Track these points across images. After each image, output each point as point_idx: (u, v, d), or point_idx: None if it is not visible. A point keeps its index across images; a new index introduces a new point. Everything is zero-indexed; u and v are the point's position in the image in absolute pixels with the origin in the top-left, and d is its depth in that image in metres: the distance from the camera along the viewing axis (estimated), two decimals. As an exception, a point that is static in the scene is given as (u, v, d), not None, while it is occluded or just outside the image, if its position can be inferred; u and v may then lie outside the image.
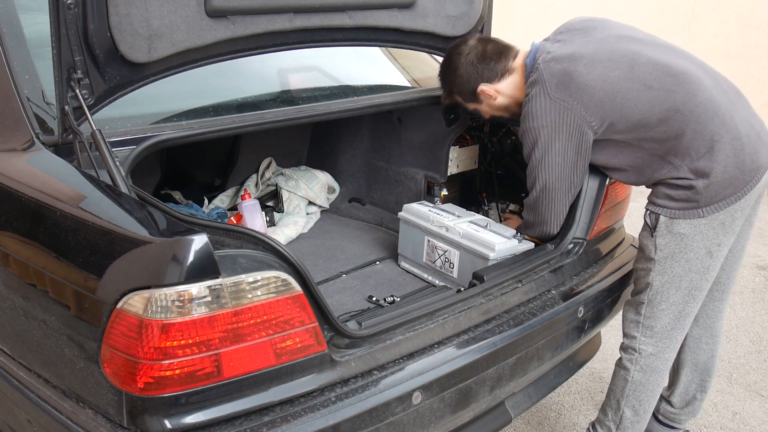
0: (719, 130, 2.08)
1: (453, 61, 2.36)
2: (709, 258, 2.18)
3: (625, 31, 2.26)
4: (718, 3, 6.32)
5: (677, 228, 2.15)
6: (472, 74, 2.33)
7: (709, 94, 2.11)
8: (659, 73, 2.11)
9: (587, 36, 2.22)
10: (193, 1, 1.83)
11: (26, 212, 1.69)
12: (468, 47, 2.34)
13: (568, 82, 2.13)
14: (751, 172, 2.12)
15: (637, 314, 2.30)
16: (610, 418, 2.43)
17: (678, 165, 2.12)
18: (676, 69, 2.12)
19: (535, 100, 2.17)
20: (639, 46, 2.18)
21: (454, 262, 2.48)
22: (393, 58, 3.07)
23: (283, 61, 2.71)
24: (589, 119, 2.13)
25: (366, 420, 1.65)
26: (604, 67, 2.12)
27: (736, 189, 2.11)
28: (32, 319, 1.65)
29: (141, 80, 1.85)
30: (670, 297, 2.23)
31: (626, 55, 2.14)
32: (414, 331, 1.85)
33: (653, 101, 2.09)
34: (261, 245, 1.58)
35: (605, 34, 2.22)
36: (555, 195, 2.26)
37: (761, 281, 4.24)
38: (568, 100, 2.12)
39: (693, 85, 2.10)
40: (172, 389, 1.43)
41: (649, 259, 2.22)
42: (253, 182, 3.19)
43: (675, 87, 2.09)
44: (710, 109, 2.09)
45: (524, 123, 2.22)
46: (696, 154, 2.09)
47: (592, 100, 2.11)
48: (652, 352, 2.30)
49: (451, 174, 2.87)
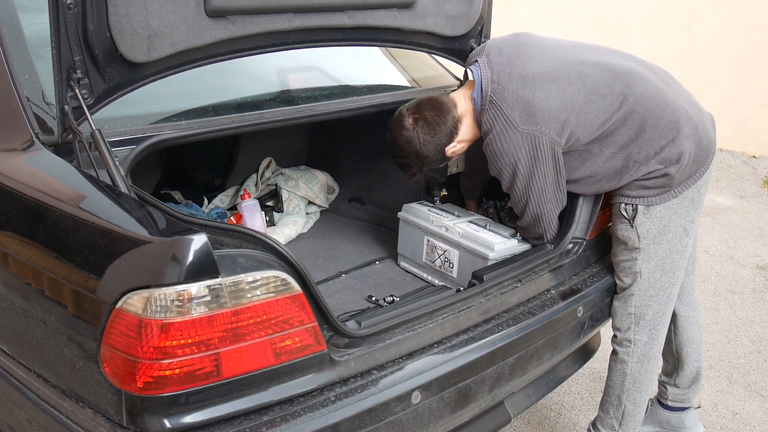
0: (674, 117, 2.16)
1: (409, 150, 2.30)
2: (685, 236, 2.28)
3: (553, 40, 2.29)
4: (718, 3, 6.32)
5: (655, 213, 2.22)
6: (434, 149, 2.28)
7: (654, 86, 2.18)
8: (607, 78, 2.16)
9: (521, 52, 2.20)
10: (193, 1, 1.83)
11: (26, 212, 1.69)
12: (411, 129, 2.27)
13: (530, 111, 2.12)
14: (707, 147, 2.24)
15: (628, 306, 2.34)
16: (611, 415, 2.44)
17: (645, 162, 2.17)
18: (619, 69, 2.18)
19: (502, 137, 2.15)
20: (576, 53, 2.22)
21: (454, 261, 2.48)
22: (393, 58, 3.07)
23: (282, 61, 2.71)
24: (559, 140, 2.15)
25: (365, 419, 1.66)
26: (558, 85, 2.13)
27: (699, 165, 2.23)
28: (32, 319, 1.65)
29: (140, 80, 1.85)
30: (656, 282, 2.29)
31: (572, 68, 2.17)
32: (413, 331, 1.85)
33: (609, 108, 2.14)
34: (260, 245, 1.58)
35: (538, 45, 2.23)
36: (546, 217, 2.29)
37: (761, 281, 4.24)
38: (537, 128, 2.13)
39: (639, 82, 2.17)
40: (171, 389, 1.43)
41: (633, 249, 2.27)
42: (253, 182, 3.19)
43: (624, 89, 2.15)
44: (660, 99, 2.16)
45: (497, 161, 2.20)
46: (659, 145, 2.16)
47: (557, 122, 2.13)
48: (647, 340, 2.35)
49: (451, 174, 2.87)
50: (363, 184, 3.24)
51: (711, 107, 2.50)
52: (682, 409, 2.70)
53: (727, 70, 6.29)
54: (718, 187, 5.81)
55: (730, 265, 4.43)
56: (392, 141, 2.35)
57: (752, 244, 4.77)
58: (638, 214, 2.23)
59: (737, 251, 4.64)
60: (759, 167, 6.17)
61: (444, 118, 2.27)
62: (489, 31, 2.69)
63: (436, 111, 2.27)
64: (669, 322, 2.41)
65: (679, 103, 2.20)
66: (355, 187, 3.28)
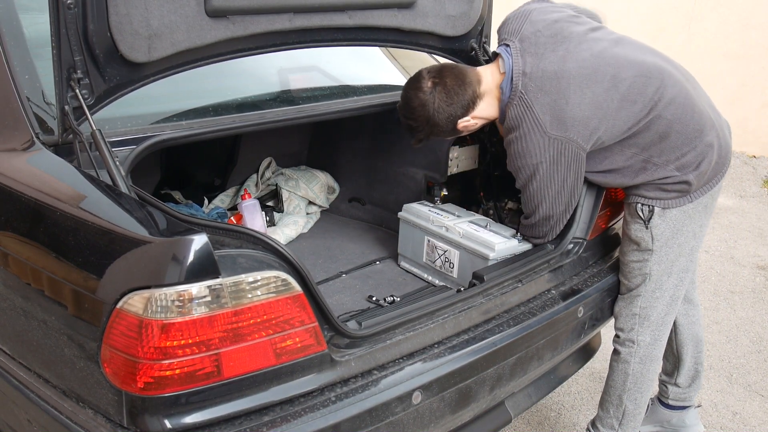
0: (700, 125, 2.14)
1: (421, 113, 2.22)
2: (694, 240, 2.27)
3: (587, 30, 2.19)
4: (718, 3, 6.32)
5: (670, 216, 2.21)
6: (446, 118, 2.21)
7: (684, 91, 2.14)
8: (640, 84, 2.09)
9: (557, 45, 2.12)
10: (193, 1, 1.83)
11: (26, 212, 1.69)
12: (428, 93, 2.19)
13: (562, 117, 2.06)
14: (725, 154, 2.23)
15: (633, 307, 2.34)
16: (612, 414, 2.44)
17: (663, 166, 2.15)
18: (653, 71, 2.12)
19: (528, 138, 2.09)
20: (613, 49, 2.14)
21: (454, 261, 2.48)
22: (393, 58, 3.07)
23: (283, 61, 2.71)
24: (585, 146, 2.11)
25: (366, 420, 1.66)
26: (592, 91, 2.07)
27: (716, 172, 2.22)
28: (32, 319, 1.65)
29: (141, 80, 1.85)
30: (664, 284, 2.28)
31: (608, 70, 2.09)
32: (414, 331, 1.85)
33: (639, 114, 2.10)
34: (261, 245, 1.58)
35: (574, 38, 2.14)
36: (556, 219, 2.25)
37: (761, 281, 4.24)
38: (566, 135, 2.07)
39: (670, 87, 2.11)
40: (172, 389, 1.43)
41: (646, 250, 2.25)
42: (253, 182, 3.19)
43: (655, 95, 2.09)
44: (688, 105, 2.13)
45: (518, 160, 2.15)
46: (681, 152, 2.13)
47: (587, 129, 2.08)
48: (650, 341, 2.35)
49: (451, 174, 2.87)
50: (363, 184, 3.24)
51: (711, 107, 2.50)
52: (683, 408, 2.70)
53: (727, 70, 6.29)
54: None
55: (730, 265, 4.43)
56: (406, 101, 2.26)
57: (752, 244, 4.77)
58: (654, 215, 2.20)
59: (737, 251, 4.64)
60: (759, 167, 6.18)
61: (464, 89, 2.18)
62: (489, 31, 2.69)
63: (457, 80, 2.19)
64: (672, 323, 2.41)
65: (704, 110, 2.16)
66: (356, 187, 3.27)
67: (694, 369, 2.64)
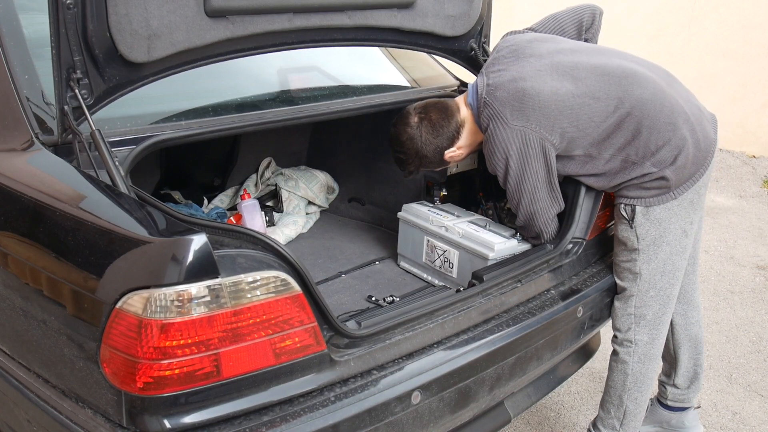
0: (671, 119, 2.16)
1: (410, 146, 2.36)
2: (684, 237, 2.28)
3: (551, 45, 2.31)
4: (718, 3, 6.32)
5: (654, 214, 2.23)
6: (434, 150, 2.35)
7: (652, 86, 2.18)
8: (602, 82, 2.17)
9: (518, 60, 2.25)
10: (193, 1, 1.83)
11: (26, 212, 1.69)
12: (415, 127, 2.34)
13: (521, 106, 2.16)
14: (706, 148, 2.23)
15: (628, 306, 2.35)
16: (613, 414, 2.44)
17: (641, 163, 2.18)
18: (615, 72, 2.19)
19: (494, 133, 2.20)
20: (572, 57, 2.24)
21: (454, 261, 2.48)
22: (393, 58, 3.07)
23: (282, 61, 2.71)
24: (550, 138, 2.17)
25: (365, 420, 1.66)
26: (550, 84, 2.16)
27: (697, 167, 2.22)
28: (32, 319, 1.65)
29: (140, 80, 1.85)
30: (656, 283, 2.29)
31: (566, 71, 2.19)
32: (413, 331, 1.85)
33: (604, 110, 2.16)
34: (260, 245, 1.58)
35: (535, 53, 2.26)
36: (540, 215, 2.30)
37: (761, 281, 4.24)
38: (527, 125, 2.15)
39: (636, 85, 2.17)
40: (171, 389, 1.43)
41: (633, 250, 2.28)
42: (253, 182, 3.20)
43: (620, 92, 2.15)
44: (657, 101, 2.16)
45: (491, 157, 2.24)
46: (655, 147, 2.16)
47: (548, 119, 2.15)
48: (648, 340, 2.35)
49: (451, 174, 2.87)
50: (363, 184, 3.24)
51: (711, 107, 2.50)
52: (682, 409, 2.70)
53: (727, 70, 6.29)
54: (718, 187, 5.81)
55: (730, 265, 4.43)
56: (395, 136, 2.41)
57: (752, 244, 4.77)
58: (637, 215, 2.23)
59: (737, 251, 4.64)
60: (759, 167, 6.17)
61: (448, 121, 2.33)
62: (489, 31, 2.69)
63: (441, 114, 2.34)
64: (669, 322, 2.41)
65: (677, 104, 2.19)
66: (355, 187, 3.28)
67: (692, 370, 2.64)
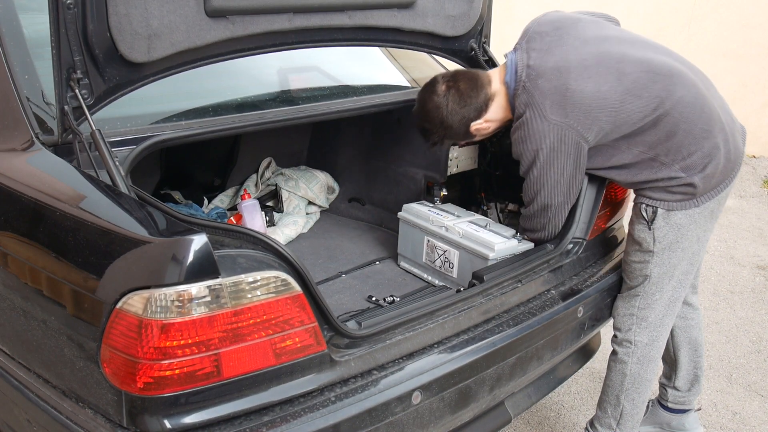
0: (708, 126, 2.12)
1: (435, 115, 2.28)
2: (698, 244, 2.26)
3: (597, 29, 2.23)
4: (718, 3, 6.32)
5: (674, 219, 2.19)
6: (460, 120, 2.27)
7: (694, 90, 2.13)
8: (646, 79, 2.11)
9: (563, 41, 2.17)
10: (193, 1, 1.83)
11: (26, 212, 1.69)
12: (442, 96, 2.26)
13: (562, 102, 2.09)
14: (735, 159, 2.21)
15: (631, 306, 2.33)
16: (609, 414, 2.44)
17: (669, 165, 2.14)
18: (660, 69, 2.13)
19: (530, 123, 2.13)
20: (619, 47, 2.17)
21: (454, 262, 2.48)
22: (393, 58, 3.07)
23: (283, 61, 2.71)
24: (586, 135, 2.13)
25: (365, 420, 1.66)
26: (594, 81, 2.10)
27: (724, 177, 2.20)
28: (32, 319, 1.65)
29: (140, 80, 1.85)
30: (664, 287, 2.27)
31: (611, 63, 2.12)
32: (414, 331, 1.85)
33: (644, 109, 2.10)
34: (260, 245, 1.58)
35: (581, 36, 2.19)
36: (554, 211, 2.26)
37: (761, 281, 4.24)
38: (566, 121, 2.10)
39: (679, 85, 2.11)
40: (171, 389, 1.43)
41: (647, 251, 2.24)
42: (253, 182, 3.19)
43: (662, 92, 2.10)
44: (698, 105, 2.12)
45: (520, 145, 2.19)
46: (687, 152, 2.12)
47: (588, 117, 2.09)
48: (647, 342, 2.34)
49: (451, 174, 2.87)
50: (363, 184, 3.24)
51: (711, 107, 2.49)
52: (683, 411, 2.70)
53: (727, 70, 6.28)
54: (718, 187, 5.80)
55: (730, 265, 4.43)
56: (421, 104, 2.33)
57: (752, 244, 4.77)
58: (658, 217, 2.19)
59: (737, 251, 4.64)
60: (759, 167, 6.18)
61: (477, 92, 2.25)
62: (489, 31, 2.69)
63: (470, 84, 2.25)
64: (671, 325, 2.40)
65: (714, 111, 2.15)
66: (355, 187, 3.27)
67: (693, 373, 2.63)
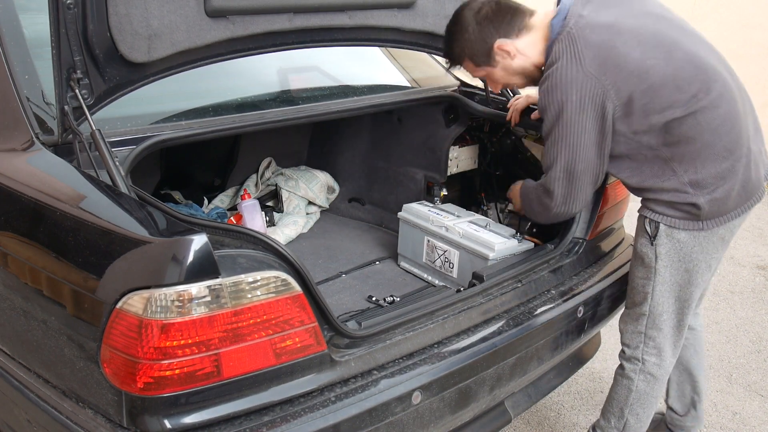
0: (731, 146, 2.00)
1: (464, 19, 2.12)
2: (708, 271, 2.16)
3: (661, 9, 2.10)
4: (718, 3, 6.32)
5: (678, 237, 2.08)
6: (487, 30, 2.09)
7: (732, 106, 2.00)
8: (691, 74, 1.96)
9: (623, 4, 2.03)
10: (193, 1, 1.83)
11: (26, 212, 1.69)
12: (479, 3, 2.11)
13: (605, 58, 1.93)
14: (754, 188, 2.09)
15: (638, 325, 2.25)
16: (613, 425, 2.38)
17: (680, 174, 2.01)
18: (708, 70, 1.99)
19: (564, 70, 1.96)
20: (676, 33, 2.02)
21: (454, 262, 2.48)
22: (393, 58, 3.07)
23: (283, 61, 2.71)
24: (616, 102, 1.96)
25: (366, 420, 1.65)
26: (641, 51, 1.94)
27: (738, 204, 2.07)
28: (32, 319, 1.65)
29: (141, 80, 1.85)
30: (669, 306, 2.19)
31: (664, 44, 1.97)
32: (414, 331, 1.85)
33: (677, 103, 1.96)
34: (261, 245, 1.58)
35: (643, 9, 2.04)
36: (577, 178, 2.05)
37: (761, 281, 4.24)
38: (602, 78, 1.93)
39: (716, 91, 1.98)
40: (171, 389, 1.43)
41: (649, 267, 2.15)
42: (253, 182, 3.19)
43: (699, 92, 1.96)
44: (728, 122, 1.99)
45: (548, 95, 2.00)
46: (701, 165, 1.99)
47: (625, 84, 1.94)
48: (656, 361, 2.27)
49: (451, 174, 2.87)
50: (363, 184, 3.24)
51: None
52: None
53: (726, 70, 6.29)
54: (718, 187, 5.80)
55: (730, 265, 4.43)
56: (458, 10, 2.17)
57: (752, 244, 4.77)
58: (660, 233, 2.09)
59: (737, 251, 4.64)
60: (759, 167, 6.17)
61: (515, 15, 2.10)
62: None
63: (512, 6, 2.12)
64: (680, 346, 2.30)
65: (744, 135, 2.02)
66: (355, 187, 3.28)
67: (689, 397, 2.55)
